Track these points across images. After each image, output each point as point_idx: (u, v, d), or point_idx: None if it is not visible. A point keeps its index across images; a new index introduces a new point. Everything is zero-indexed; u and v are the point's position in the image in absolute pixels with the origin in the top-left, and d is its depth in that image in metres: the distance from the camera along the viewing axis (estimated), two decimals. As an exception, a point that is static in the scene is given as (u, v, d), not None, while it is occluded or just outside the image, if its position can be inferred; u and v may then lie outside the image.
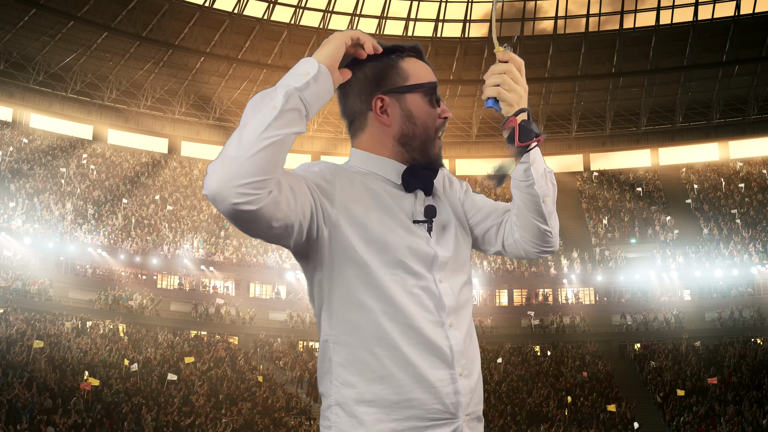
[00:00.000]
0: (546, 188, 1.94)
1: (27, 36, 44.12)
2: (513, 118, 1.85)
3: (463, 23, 48.70)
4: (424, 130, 1.92)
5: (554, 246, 2.04)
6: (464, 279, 1.98)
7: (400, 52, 1.95)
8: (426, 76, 1.95)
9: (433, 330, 1.84)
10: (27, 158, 44.67)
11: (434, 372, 1.81)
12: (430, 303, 1.86)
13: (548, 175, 1.95)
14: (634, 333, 41.83)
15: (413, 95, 1.92)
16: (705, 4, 46.20)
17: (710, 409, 32.31)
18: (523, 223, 1.99)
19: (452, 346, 1.85)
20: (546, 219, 1.97)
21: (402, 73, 1.92)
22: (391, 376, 1.79)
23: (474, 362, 1.92)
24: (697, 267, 42.55)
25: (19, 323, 32.38)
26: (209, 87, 49.99)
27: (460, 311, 1.92)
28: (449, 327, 1.87)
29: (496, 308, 43.99)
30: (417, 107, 1.92)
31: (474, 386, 1.90)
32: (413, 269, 1.85)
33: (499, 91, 1.88)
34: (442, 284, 1.89)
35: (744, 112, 49.93)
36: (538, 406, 33.75)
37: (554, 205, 1.99)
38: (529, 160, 1.90)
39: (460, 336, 1.88)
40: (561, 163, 54.02)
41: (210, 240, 44.80)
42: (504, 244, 2.06)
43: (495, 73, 1.89)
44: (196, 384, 31.65)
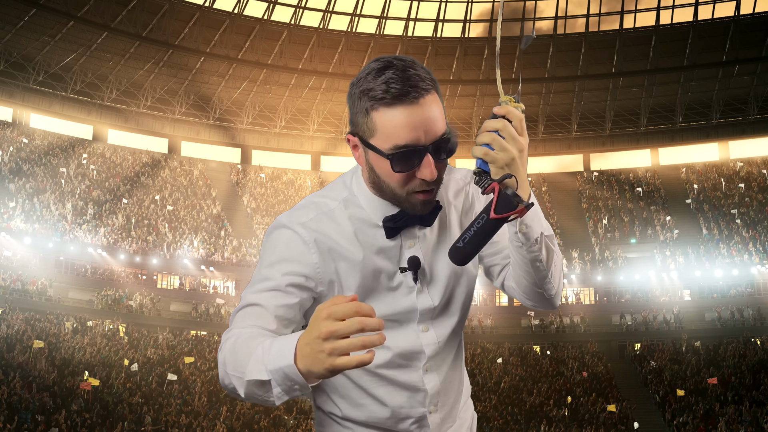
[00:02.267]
0: (539, 253, 1.76)
1: (27, 36, 44.11)
2: (495, 183, 1.63)
3: (463, 23, 48.70)
4: (390, 189, 1.75)
5: (551, 306, 1.90)
6: (456, 320, 1.94)
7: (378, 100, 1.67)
8: (397, 136, 1.67)
9: (407, 376, 1.90)
10: (27, 158, 44.66)
11: (405, 410, 1.92)
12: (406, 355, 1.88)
13: (546, 240, 1.76)
14: (634, 333, 41.83)
15: (373, 153, 1.72)
16: (705, 4, 46.20)
17: (710, 409, 32.31)
18: (516, 277, 1.86)
19: (427, 390, 1.91)
20: (539, 282, 1.81)
21: (369, 125, 1.70)
22: (366, 407, 1.92)
23: (451, 393, 1.98)
24: (697, 267, 42.56)
25: (19, 323, 32.39)
26: (209, 87, 49.97)
27: (442, 354, 1.93)
28: (425, 371, 1.90)
29: (496, 308, 44.00)
30: (378, 167, 1.74)
31: (447, 414, 1.97)
32: (391, 326, 1.85)
33: (487, 152, 1.64)
34: (426, 334, 1.89)
35: (744, 112, 49.93)
36: (538, 406, 33.75)
37: (552, 269, 1.80)
38: (516, 226, 1.73)
39: (437, 379, 1.93)
40: (561, 163, 54.05)
41: (210, 240, 44.80)
42: (504, 284, 1.96)
43: (487, 129, 1.66)
44: (196, 384, 31.65)
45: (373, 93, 1.68)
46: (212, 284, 43.55)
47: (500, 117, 1.66)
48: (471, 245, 1.64)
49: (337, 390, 1.93)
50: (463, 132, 51.92)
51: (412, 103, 1.67)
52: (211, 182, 50.36)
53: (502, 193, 1.62)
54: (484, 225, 1.62)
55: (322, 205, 1.84)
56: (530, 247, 1.75)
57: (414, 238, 1.86)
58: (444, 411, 1.96)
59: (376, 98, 1.67)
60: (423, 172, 1.70)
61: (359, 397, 1.91)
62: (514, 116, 1.66)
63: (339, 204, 1.84)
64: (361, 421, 1.93)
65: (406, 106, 1.67)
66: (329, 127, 52.34)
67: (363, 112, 1.70)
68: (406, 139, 1.67)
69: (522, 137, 1.66)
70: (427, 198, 1.76)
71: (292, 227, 1.80)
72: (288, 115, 52.01)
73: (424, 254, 1.87)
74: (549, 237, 1.77)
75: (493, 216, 1.61)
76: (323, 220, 1.81)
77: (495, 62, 1.79)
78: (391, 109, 1.67)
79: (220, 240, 45.23)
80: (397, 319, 1.86)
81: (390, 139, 1.68)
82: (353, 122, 1.75)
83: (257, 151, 52.74)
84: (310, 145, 52.67)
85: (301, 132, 52.55)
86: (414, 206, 1.77)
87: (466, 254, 1.65)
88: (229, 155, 52.53)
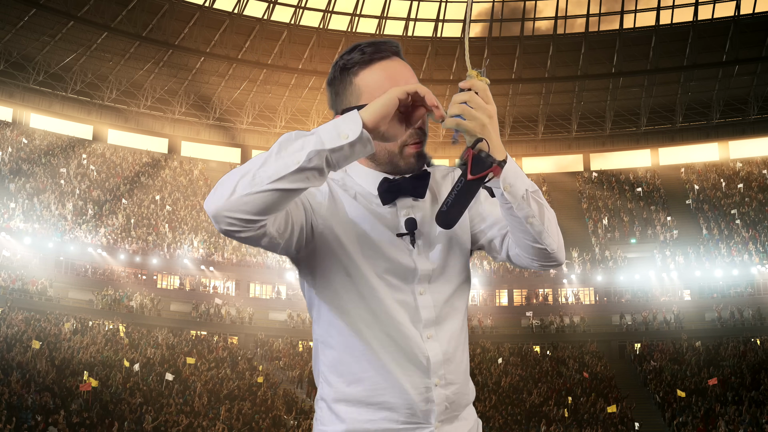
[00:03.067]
0: (528, 209, 1.84)
1: (27, 36, 44.12)
2: (469, 149, 1.75)
3: (463, 23, 48.64)
4: (385, 150, 1.89)
5: (557, 261, 1.97)
6: (452, 289, 1.98)
7: (360, 64, 1.88)
8: (382, 87, 1.84)
9: (409, 341, 1.90)
10: (27, 158, 44.66)
11: (408, 379, 1.90)
12: (406, 316, 1.90)
13: (531, 195, 1.84)
14: (634, 333, 41.83)
15: None
16: (705, 4, 46.20)
17: (710, 409, 32.31)
18: (516, 240, 1.93)
19: (429, 357, 1.91)
20: (536, 238, 1.88)
21: (355, 91, 1.88)
22: (368, 379, 1.90)
23: (458, 372, 1.97)
24: (697, 267, 42.56)
25: (19, 323, 32.39)
26: (209, 87, 49.98)
27: (442, 323, 1.95)
28: (427, 338, 1.92)
29: (496, 308, 43.99)
30: None
31: (453, 395, 1.95)
32: (392, 282, 1.90)
33: (459, 122, 1.75)
34: (422, 296, 1.93)
35: (744, 112, 49.93)
36: (538, 406, 33.76)
37: (545, 224, 1.88)
38: (499, 186, 1.80)
39: (439, 348, 1.93)
40: (561, 163, 54.06)
41: (210, 240, 44.80)
42: (509, 254, 2.01)
43: (455, 102, 1.77)
44: (197, 384, 31.65)
45: (350, 62, 1.89)
46: (212, 284, 43.55)
47: (466, 90, 1.78)
48: (454, 207, 1.75)
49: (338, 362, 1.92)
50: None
51: (386, 59, 1.90)
52: (211, 182, 50.37)
53: (475, 155, 1.74)
54: (463, 187, 1.74)
55: None
56: (519, 204, 1.83)
57: (408, 207, 1.95)
58: (451, 390, 1.94)
59: (354, 64, 1.88)
60: (414, 117, 1.80)
61: (362, 369, 1.90)
62: (479, 87, 1.78)
63: (337, 180, 1.95)
64: (359, 399, 1.90)
65: (382, 62, 1.89)
66: (329, 127, 52.30)
67: (347, 84, 1.89)
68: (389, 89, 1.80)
69: (489, 105, 1.77)
70: (419, 149, 1.89)
71: None
72: (288, 115, 52.03)
73: (420, 221, 1.96)
74: (534, 192, 1.85)
75: (470, 177, 1.73)
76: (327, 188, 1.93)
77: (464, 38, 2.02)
78: (369, 68, 1.88)
79: (220, 240, 45.24)
80: (396, 274, 1.91)
81: (377, 91, 1.84)
82: (340, 102, 1.92)
83: (257, 151, 52.71)
84: (310, 144, 52.65)
85: (301, 132, 52.54)
86: (408, 159, 1.90)
87: (450, 216, 1.75)
88: (229, 155, 52.54)
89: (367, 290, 1.89)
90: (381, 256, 1.90)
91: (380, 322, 1.89)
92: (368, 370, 1.90)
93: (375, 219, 1.92)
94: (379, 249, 1.91)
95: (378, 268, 1.90)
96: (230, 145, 52.25)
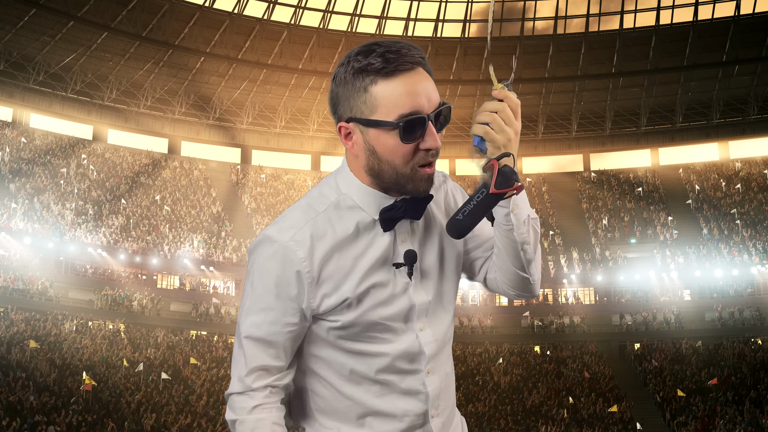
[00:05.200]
0: (527, 235, 1.80)
1: (27, 36, 44.11)
2: (494, 161, 1.68)
3: (463, 23, 48.70)
4: (392, 168, 1.72)
5: (533, 293, 1.92)
6: (449, 317, 1.91)
7: (380, 73, 1.67)
8: (401, 104, 1.67)
9: (408, 381, 1.83)
10: (27, 158, 44.66)
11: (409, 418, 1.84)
12: (407, 357, 1.82)
13: (531, 222, 1.81)
14: (634, 333, 41.83)
15: (377, 130, 1.69)
16: (705, 4, 46.20)
17: (710, 409, 32.31)
18: (501, 265, 1.87)
19: (428, 393, 1.85)
20: (525, 266, 1.84)
21: (369, 102, 1.68)
22: (368, 425, 1.84)
23: (449, 396, 1.94)
24: (697, 267, 42.56)
25: (19, 323, 32.39)
26: (209, 87, 49.98)
27: (440, 353, 1.88)
28: (427, 374, 1.85)
29: (496, 308, 43.99)
30: (381, 144, 1.70)
31: (444, 420, 1.92)
32: (389, 326, 1.80)
33: (487, 131, 1.69)
34: (423, 333, 1.84)
35: (744, 112, 49.92)
36: (538, 406, 33.76)
37: (537, 253, 1.85)
38: (509, 206, 1.77)
39: (437, 380, 1.87)
40: (561, 163, 54.03)
41: (210, 240, 44.80)
42: (486, 277, 1.96)
43: (486, 110, 1.70)
44: (196, 384, 31.66)
45: (370, 68, 1.67)
46: (212, 284, 43.55)
47: (499, 100, 1.71)
48: (470, 218, 1.68)
49: (336, 412, 1.85)
50: (463, 132, 51.93)
51: (410, 71, 1.69)
52: (211, 182, 50.37)
53: (501, 169, 1.67)
54: (484, 199, 1.67)
55: (309, 212, 1.78)
56: (519, 229, 1.79)
57: (406, 232, 1.83)
58: (444, 415, 1.92)
59: (374, 72, 1.67)
60: (428, 141, 1.70)
61: (361, 414, 1.83)
62: (512, 101, 1.71)
63: (328, 207, 1.79)
64: None
65: (405, 74, 1.68)
66: (329, 127, 52.29)
67: (360, 91, 1.69)
68: (410, 107, 1.67)
69: (517, 122, 1.72)
70: (431, 172, 1.75)
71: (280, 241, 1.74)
72: (288, 115, 52.02)
73: (418, 247, 1.85)
74: (534, 220, 1.82)
75: (492, 191, 1.66)
76: (313, 226, 1.76)
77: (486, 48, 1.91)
78: (391, 80, 1.68)
79: (220, 240, 45.24)
80: (396, 319, 1.81)
81: (395, 108, 1.67)
82: (347, 108, 1.72)
83: (257, 151, 52.74)
84: (310, 145, 52.67)
85: (301, 132, 52.56)
86: (418, 183, 1.74)
87: (464, 227, 1.68)
88: (229, 155, 52.54)
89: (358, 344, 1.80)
90: (380, 300, 1.78)
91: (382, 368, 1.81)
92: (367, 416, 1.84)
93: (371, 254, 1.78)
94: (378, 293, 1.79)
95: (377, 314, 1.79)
96: (230, 145, 52.24)
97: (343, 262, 1.77)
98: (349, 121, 1.73)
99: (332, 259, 1.76)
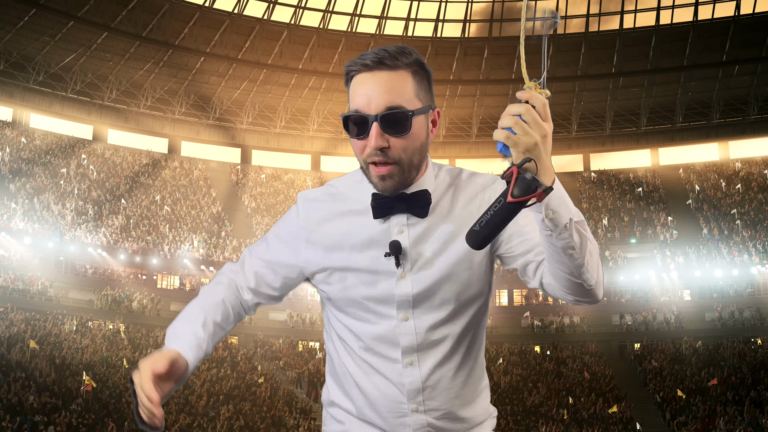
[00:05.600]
0: (569, 240, 1.68)
1: (27, 36, 44.12)
2: (515, 167, 1.59)
3: (463, 23, 48.70)
4: (361, 159, 1.87)
5: (594, 298, 1.83)
6: (444, 315, 1.91)
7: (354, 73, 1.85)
8: (351, 103, 1.84)
9: (386, 367, 1.93)
10: (27, 158, 44.66)
11: (386, 403, 1.94)
12: (384, 343, 1.92)
13: (576, 226, 1.69)
14: (634, 333, 41.83)
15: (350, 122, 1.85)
16: (705, 4, 46.21)
17: (710, 409, 32.32)
18: (552, 270, 1.79)
19: (405, 384, 1.90)
20: (575, 272, 1.74)
21: (348, 96, 1.88)
22: (355, 397, 2.00)
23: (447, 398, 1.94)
24: (697, 267, 42.56)
25: (19, 323, 32.39)
26: (209, 87, 49.98)
27: (428, 349, 1.90)
28: (407, 365, 1.90)
29: (496, 308, 43.97)
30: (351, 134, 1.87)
31: (439, 422, 1.94)
32: (370, 308, 1.92)
33: (509, 135, 1.59)
34: (405, 323, 1.90)
35: (744, 112, 49.93)
36: (538, 406, 33.76)
37: (588, 257, 1.73)
38: (542, 211, 1.66)
39: (418, 374, 1.90)
40: (561, 163, 53.99)
41: (210, 240, 44.81)
42: (542, 282, 1.89)
43: (508, 114, 1.61)
44: (197, 384, 31.66)
45: (351, 69, 1.86)
46: (212, 284, 43.50)
47: (523, 102, 1.64)
48: (487, 228, 1.61)
49: (336, 377, 2.04)
50: (463, 132, 51.94)
51: (369, 71, 1.82)
52: (211, 182, 50.38)
53: (520, 176, 1.59)
54: (501, 208, 1.60)
55: (336, 181, 2.02)
56: (560, 233, 1.68)
57: (403, 225, 1.88)
58: (437, 415, 1.92)
59: (352, 72, 1.85)
60: (367, 140, 1.81)
61: (349, 385, 1.99)
62: (538, 101, 1.64)
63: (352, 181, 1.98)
64: (351, 412, 2.01)
65: (365, 73, 1.82)
66: (329, 127, 52.32)
67: (348, 88, 1.87)
68: (357, 105, 1.81)
69: (546, 123, 1.62)
70: (380, 172, 1.81)
71: (297, 200, 2.02)
72: (288, 115, 52.02)
73: (413, 241, 1.89)
74: (579, 223, 1.71)
75: (509, 199, 1.58)
76: (325, 198, 1.97)
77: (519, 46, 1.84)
78: (356, 77, 1.84)
79: (220, 240, 45.24)
80: (375, 301, 1.90)
81: (351, 104, 1.84)
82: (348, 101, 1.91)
83: (257, 151, 52.74)
84: (310, 145, 52.67)
85: (301, 132, 52.56)
86: (374, 180, 1.85)
87: (482, 237, 1.62)
88: (229, 155, 52.54)
89: (347, 317, 1.96)
90: (363, 280, 1.90)
91: (364, 347, 1.95)
92: (354, 388, 1.98)
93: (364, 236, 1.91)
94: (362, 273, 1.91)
95: (356, 297, 1.92)
96: (230, 145, 52.25)
97: (335, 232, 1.92)
98: None
99: (326, 225, 1.93)
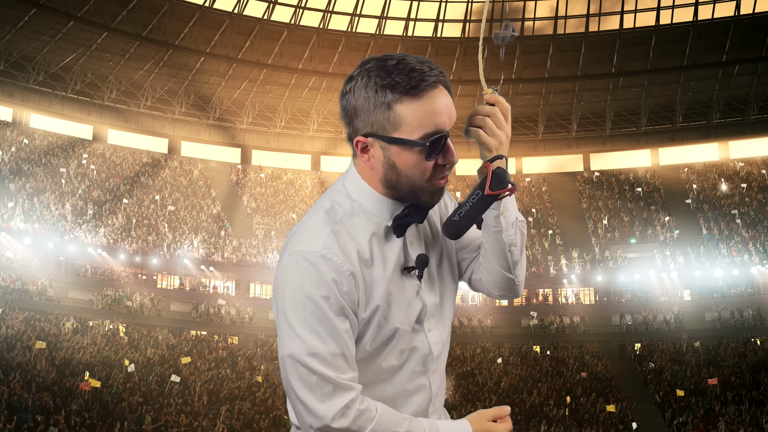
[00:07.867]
0: (514, 237, 1.88)
1: (27, 36, 44.12)
2: (488, 163, 1.77)
3: (463, 23, 48.71)
4: (411, 182, 1.74)
5: (516, 294, 1.99)
6: (450, 318, 1.97)
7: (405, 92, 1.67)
8: (425, 124, 1.69)
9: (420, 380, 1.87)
10: (27, 158, 44.66)
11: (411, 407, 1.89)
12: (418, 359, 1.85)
13: (519, 224, 1.89)
14: (634, 333, 41.84)
15: (399, 147, 1.70)
16: (705, 4, 46.21)
17: (710, 409, 32.32)
18: (488, 266, 1.94)
19: (431, 392, 1.91)
20: (511, 268, 1.91)
21: (392, 120, 1.68)
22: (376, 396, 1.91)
23: (443, 398, 2.01)
24: (697, 267, 42.56)
25: (19, 323, 32.40)
26: (209, 87, 49.98)
27: (442, 354, 1.94)
28: (432, 373, 1.90)
29: (496, 308, 43.98)
30: (403, 161, 1.72)
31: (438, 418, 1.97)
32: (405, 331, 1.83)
33: (480, 134, 1.80)
34: (431, 333, 1.88)
35: (744, 112, 49.93)
36: (538, 406, 33.76)
37: (522, 255, 1.92)
38: (499, 208, 1.84)
39: (438, 379, 1.93)
40: (561, 163, 54.03)
41: (210, 240, 44.80)
42: (471, 277, 2.02)
43: (479, 114, 1.80)
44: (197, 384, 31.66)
45: (396, 86, 1.67)
46: (212, 284, 43.55)
47: (491, 105, 1.79)
48: (466, 218, 1.75)
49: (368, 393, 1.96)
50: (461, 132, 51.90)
51: (433, 89, 1.70)
52: (211, 182, 50.37)
53: (495, 171, 1.75)
54: (479, 201, 1.74)
55: (329, 221, 1.76)
56: (507, 231, 1.86)
57: (414, 236, 1.87)
58: (439, 413, 1.97)
59: (399, 90, 1.67)
60: (447, 157, 1.74)
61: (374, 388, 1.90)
62: (503, 105, 1.80)
63: (344, 216, 1.77)
64: None
65: (428, 93, 1.69)
66: (329, 127, 52.33)
67: (383, 107, 1.68)
68: (434, 126, 1.70)
69: (507, 125, 1.80)
70: (444, 183, 1.81)
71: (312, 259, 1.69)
72: (288, 115, 52.02)
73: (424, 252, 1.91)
74: (522, 222, 1.89)
75: (487, 192, 1.73)
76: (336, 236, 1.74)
77: (478, 56, 1.91)
78: (416, 99, 1.68)
79: (220, 240, 45.24)
80: (411, 322, 1.83)
81: (419, 128, 1.69)
82: (367, 123, 1.71)
83: (257, 151, 52.75)
84: (310, 145, 52.67)
85: (301, 132, 52.56)
86: (433, 195, 1.77)
87: (460, 227, 1.75)
88: (229, 155, 52.54)
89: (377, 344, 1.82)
90: (400, 305, 1.80)
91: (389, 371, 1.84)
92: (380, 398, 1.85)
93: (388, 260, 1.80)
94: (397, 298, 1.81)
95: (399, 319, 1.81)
96: (230, 145, 52.25)
97: (368, 271, 1.76)
98: (368, 137, 1.73)
99: (360, 268, 1.75)
